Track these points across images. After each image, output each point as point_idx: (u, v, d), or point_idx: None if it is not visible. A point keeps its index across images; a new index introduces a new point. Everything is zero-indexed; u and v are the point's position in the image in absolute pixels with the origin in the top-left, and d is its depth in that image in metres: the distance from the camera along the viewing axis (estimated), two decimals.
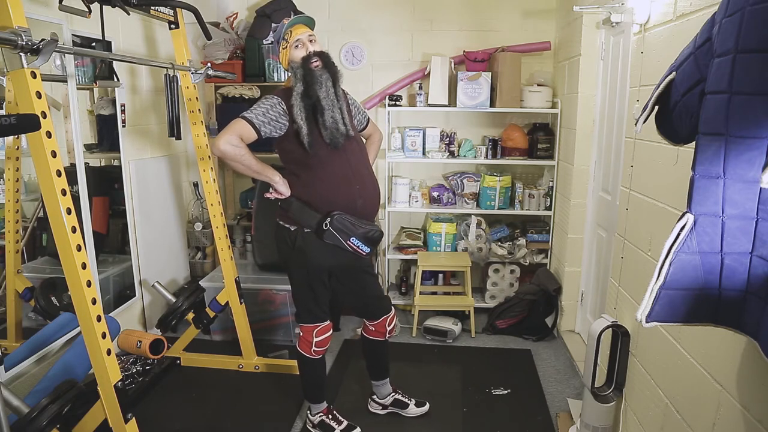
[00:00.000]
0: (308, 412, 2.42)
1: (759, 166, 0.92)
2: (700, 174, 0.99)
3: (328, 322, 2.28)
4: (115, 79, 2.65)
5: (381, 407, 2.55)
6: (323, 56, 2.07)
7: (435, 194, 3.68)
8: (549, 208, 3.55)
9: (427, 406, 2.55)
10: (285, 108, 2.05)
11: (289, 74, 2.14)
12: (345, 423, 2.37)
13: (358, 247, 2.10)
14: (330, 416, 2.38)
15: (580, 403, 2.37)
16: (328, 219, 2.05)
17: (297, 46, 2.06)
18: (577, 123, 3.04)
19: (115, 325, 2.50)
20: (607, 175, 2.81)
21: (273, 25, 3.47)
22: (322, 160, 2.08)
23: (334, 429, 2.35)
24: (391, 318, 2.41)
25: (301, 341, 2.28)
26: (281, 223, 2.18)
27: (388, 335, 2.42)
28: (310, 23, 2.13)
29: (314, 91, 2.02)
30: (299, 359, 2.33)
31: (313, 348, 2.26)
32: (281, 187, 2.11)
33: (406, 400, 2.55)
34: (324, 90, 2.03)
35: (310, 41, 2.08)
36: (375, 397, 2.56)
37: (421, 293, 3.49)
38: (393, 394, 2.55)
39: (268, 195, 2.16)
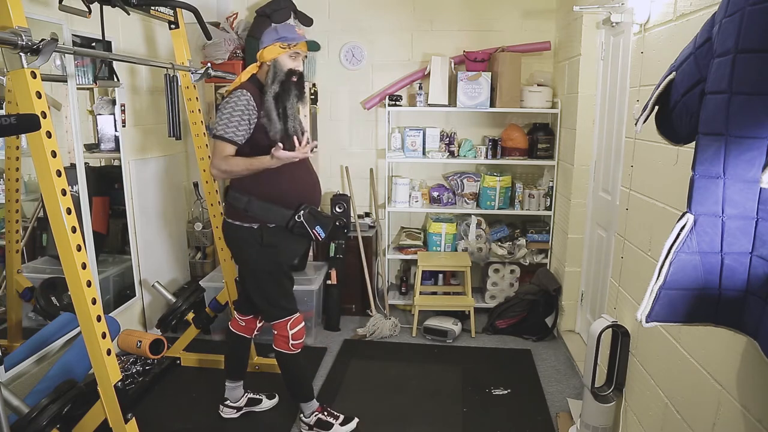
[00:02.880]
0: (301, 415, 2.40)
1: (759, 166, 0.92)
2: (700, 174, 0.99)
3: (298, 313, 2.31)
4: (115, 79, 2.65)
5: (235, 410, 2.52)
6: (301, 76, 2.21)
7: (435, 194, 3.68)
8: (549, 208, 3.55)
9: (277, 397, 2.61)
10: (254, 104, 2.10)
11: (252, 66, 2.22)
12: (342, 417, 2.39)
13: (318, 233, 2.20)
14: (326, 413, 2.38)
15: (580, 403, 2.37)
16: (301, 212, 2.16)
17: (292, 56, 2.16)
18: (577, 123, 3.04)
19: (115, 325, 2.50)
20: (607, 175, 2.81)
21: (274, 25, 3.46)
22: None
23: (333, 424, 2.35)
24: (261, 318, 2.47)
25: (277, 339, 2.29)
26: (238, 223, 2.18)
27: (255, 333, 2.49)
28: (313, 47, 2.25)
29: (283, 100, 2.14)
30: (279, 359, 2.33)
31: (291, 342, 2.27)
32: (282, 153, 2.01)
33: (258, 396, 2.59)
34: (290, 103, 2.17)
35: (302, 60, 2.23)
36: (228, 401, 2.52)
37: (421, 293, 3.49)
38: (246, 394, 2.57)
39: (281, 154, 2.01)
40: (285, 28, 2.17)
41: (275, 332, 2.29)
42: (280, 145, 2.02)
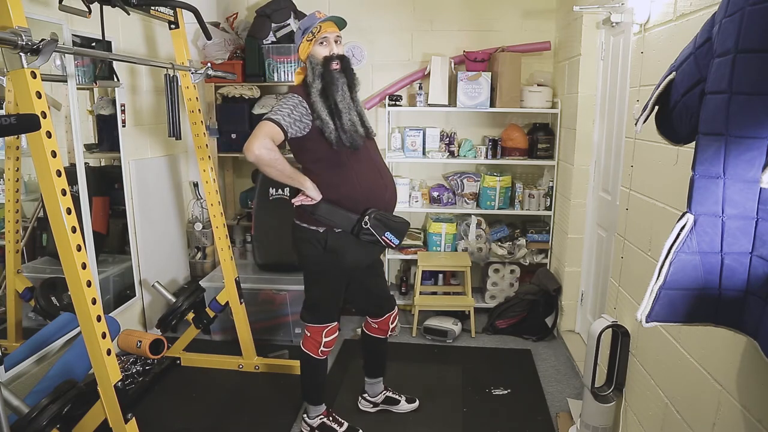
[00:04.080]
0: (305, 416, 2.39)
1: (759, 166, 0.92)
2: (700, 174, 0.99)
3: (336, 322, 2.27)
4: (115, 79, 2.65)
5: (372, 405, 2.56)
6: (344, 60, 2.05)
7: (435, 194, 3.68)
8: (549, 208, 3.55)
9: (417, 402, 2.58)
10: (306, 107, 1.99)
11: (298, 70, 2.12)
12: (346, 425, 2.37)
13: (390, 240, 2.10)
14: (330, 418, 2.37)
15: (580, 403, 2.37)
16: (366, 217, 2.04)
17: (322, 43, 2.02)
18: (577, 123, 3.04)
19: (115, 325, 2.50)
20: (607, 175, 2.81)
21: (274, 25, 3.47)
22: (349, 160, 2.06)
23: (336, 430, 2.34)
24: (394, 316, 2.44)
25: (307, 341, 2.25)
26: (305, 225, 2.10)
27: (390, 333, 2.44)
28: (341, 24, 2.08)
29: (332, 93, 2.00)
30: (303, 360, 2.30)
31: (321, 348, 2.24)
32: (313, 192, 2.03)
33: (397, 396, 2.57)
34: (340, 93, 2.02)
35: (336, 42, 2.05)
36: (366, 395, 2.58)
37: (421, 293, 3.49)
38: (384, 392, 2.57)
39: (296, 201, 2.07)
40: (306, 19, 2.05)
41: (308, 334, 2.25)
42: (309, 195, 2.02)
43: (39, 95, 1.56)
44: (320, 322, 2.23)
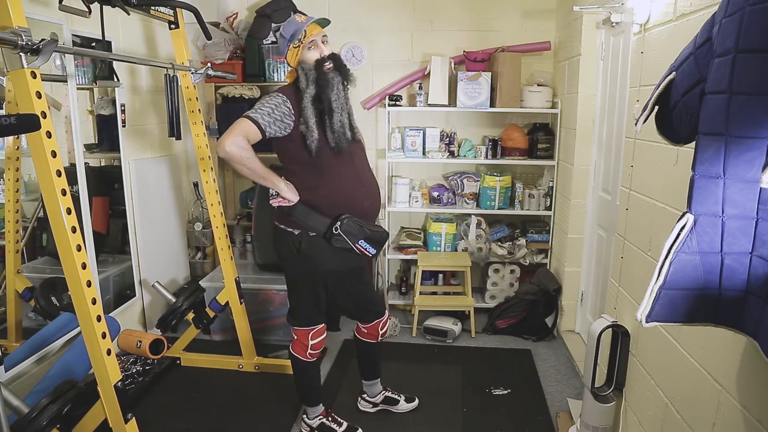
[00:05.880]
0: (304, 416, 2.40)
1: (759, 166, 0.92)
2: (700, 174, 0.99)
3: (323, 324, 2.27)
4: (115, 79, 2.65)
5: (372, 405, 2.57)
6: (336, 58, 2.03)
7: (435, 194, 3.68)
8: (549, 208, 3.55)
9: (417, 401, 2.58)
10: (290, 107, 1.98)
11: (289, 71, 2.12)
12: (345, 424, 2.37)
13: (365, 249, 2.08)
14: (330, 418, 2.37)
15: (580, 403, 2.37)
16: (338, 223, 2.02)
17: (310, 48, 2.00)
18: (577, 123, 3.04)
19: (115, 325, 2.50)
20: (607, 175, 2.81)
21: (274, 25, 3.46)
22: (329, 163, 2.04)
23: (336, 430, 2.34)
24: (384, 322, 2.44)
25: (295, 345, 2.26)
26: (282, 226, 2.12)
27: (380, 338, 2.45)
28: (323, 23, 2.06)
29: (327, 95, 1.98)
30: (294, 363, 2.31)
31: (309, 351, 2.24)
32: (288, 194, 2.03)
33: (396, 396, 2.57)
34: (335, 92, 2.00)
35: (323, 42, 2.03)
36: (365, 395, 2.58)
37: (421, 293, 3.49)
38: (383, 392, 2.57)
39: (274, 202, 2.07)
40: (287, 26, 2.02)
41: (295, 338, 2.26)
42: (283, 197, 2.01)
43: (39, 95, 1.56)
44: (304, 325, 2.23)
